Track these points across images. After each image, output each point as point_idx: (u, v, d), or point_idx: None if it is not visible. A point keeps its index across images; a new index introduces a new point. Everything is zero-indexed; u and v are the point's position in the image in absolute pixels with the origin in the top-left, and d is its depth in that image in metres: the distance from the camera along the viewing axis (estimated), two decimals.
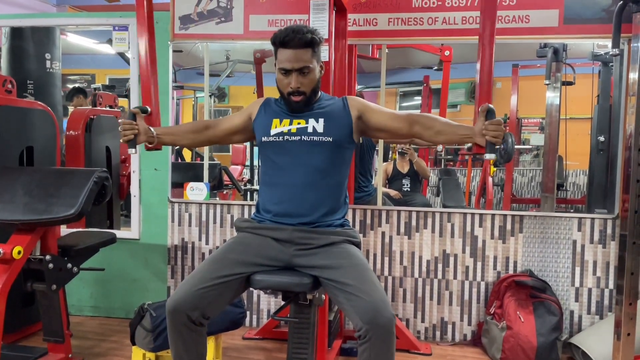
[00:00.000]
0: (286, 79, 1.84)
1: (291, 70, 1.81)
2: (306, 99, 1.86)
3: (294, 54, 1.80)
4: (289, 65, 1.81)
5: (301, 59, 1.81)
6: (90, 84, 7.28)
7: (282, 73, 1.84)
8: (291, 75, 1.82)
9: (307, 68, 1.82)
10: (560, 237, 2.87)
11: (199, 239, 3.15)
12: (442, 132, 1.83)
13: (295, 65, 1.81)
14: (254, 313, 3.15)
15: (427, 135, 1.86)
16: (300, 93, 1.84)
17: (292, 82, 1.82)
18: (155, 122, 2.17)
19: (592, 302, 2.87)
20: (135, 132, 1.95)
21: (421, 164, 4.52)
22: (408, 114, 1.89)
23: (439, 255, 2.97)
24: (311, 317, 1.91)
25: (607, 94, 3.43)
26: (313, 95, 1.89)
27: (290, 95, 1.84)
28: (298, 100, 1.85)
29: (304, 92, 1.84)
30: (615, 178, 2.80)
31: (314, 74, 1.86)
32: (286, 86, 1.84)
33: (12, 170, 2.54)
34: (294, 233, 1.83)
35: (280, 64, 1.83)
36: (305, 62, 1.82)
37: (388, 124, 1.90)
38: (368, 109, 1.92)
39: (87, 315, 3.29)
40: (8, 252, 2.13)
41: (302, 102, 1.85)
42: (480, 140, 1.75)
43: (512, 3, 2.76)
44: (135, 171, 3.19)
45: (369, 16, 2.89)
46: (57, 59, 3.73)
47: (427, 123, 1.85)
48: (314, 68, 1.85)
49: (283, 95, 1.88)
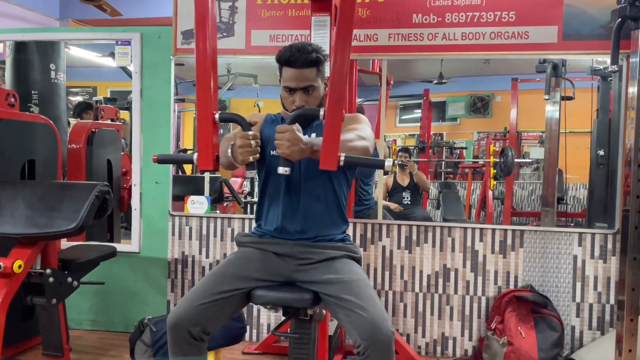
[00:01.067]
0: (291, 97, 1.85)
1: (296, 88, 1.82)
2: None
3: (299, 73, 1.80)
4: (293, 84, 1.82)
5: (306, 78, 1.81)
6: (92, 96, 7.31)
7: (286, 91, 1.85)
8: (296, 94, 1.83)
9: (311, 87, 1.83)
10: (561, 252, 2.87)
11: (199, 252, 3.15)
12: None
13: (300, 84, 1.81)
14: (254, 327, 3.14)
15: None
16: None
17: (297, 101, 1.82)
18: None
19: (594, 317, 2.86)
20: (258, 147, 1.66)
21: (421, 177, 4.53)
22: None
23: (439, 270, 2.96)
24: (311, 333, 1.90)
25: (606, 108, 3.45)
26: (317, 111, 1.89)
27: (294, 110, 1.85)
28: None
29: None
30: (616, 192, 2.81)
31: (319, 92, 1.87)
32: (291, 104, 1.85)
33: (13, 184, 2.55)
34: (294, 247, 1.83)
35: (285, 82, 1.84)
36: (310, 81, 1.82)
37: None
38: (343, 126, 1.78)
39: (87, 329, 3.28)
40: (9, 266, 2.13)
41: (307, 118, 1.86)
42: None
43: (511, 19, 2.78)
44: (136, 184, 3.20)
45: (369, 32, 2.91)
46: (61, 70, 3.76)
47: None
48: (318, 86, 1.86)
49: (288, 113, 1.89)
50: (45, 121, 2.89)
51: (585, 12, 2.72)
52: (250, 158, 1.62)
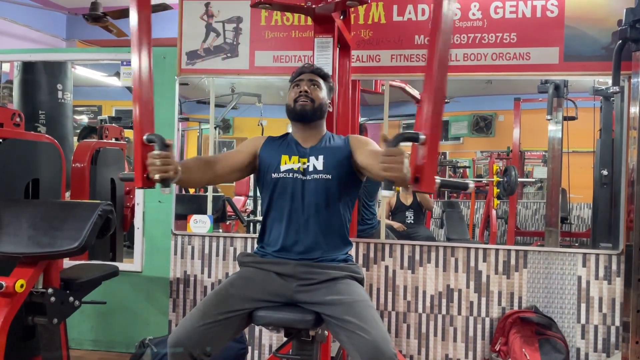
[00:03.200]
0: (296, 89, 1.96)
1: (303, 79, 1.97)
2: (312, 107, 1.93)
3: (309, 75, 1.99)
4: (301, 77, 1.98)
5: (313, 78, 1.98)
6: (96, 115, 7.37)
7: (293, 87, 1.98)
8: (302, 84, 1.96)
9: (317, 82, 1.98)
10: (565, 272, 2.85)
11: (201, 272, 3.14)
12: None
13: (307, 77, 1.98)
14: (256, 348, 3.11)
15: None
16: (307, 97, 1.92)
17: (303, 86, 1.95)
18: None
19: (599, 339, 2.82)
20: (174, 168, 1.61)
21: (424, 196, 4.52)
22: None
23: (442, 290, 2.94)
24: (314, 354, 1.89)
25: (609, 128, 3.45)
26: (319, 111, 1.96)
27: (296, 102, 1.93)
28: (304, 104, 1.92)
29: (311, 99, 1.93)
30: (620, 212, 2.80)
31: (322, 93, 1.98)
32: (295, 94, 1.95)
33: (17, 203, 2.55)
34: (296, 268, 1.83)
35: (294, 83, 2.00)
36: (317, 79, 1.98)
37: (364, 161, 1.81)
38: (358, 149, 1.87)
39: (88, 349, 3.26)
40: (10, 286, 2.13)
41: (309, 109, 1.92)
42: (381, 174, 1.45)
43: (512, 41, 2.81)
44: (139, 203, 3.21)
45: (372, 52, 2.94)
46: (68, 90, 3.80)
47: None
48: (322, 89, 1.98)
49: (289, 108, 1.96)
50: (50, 140, 2.91)
51: (586, 34, 2.75)
52: (157, 176, 1.59)
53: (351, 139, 1.96)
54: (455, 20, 2.84)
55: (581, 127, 3.98)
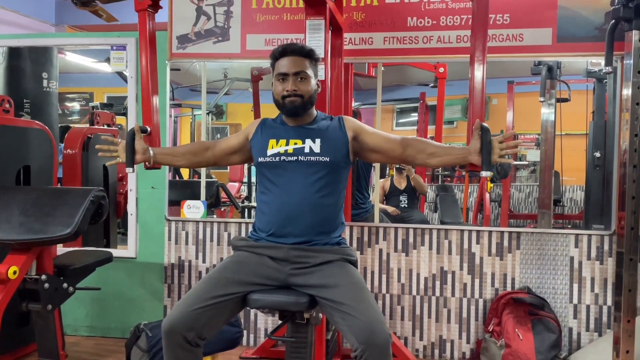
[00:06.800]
0: (282, 85, 1.86)
1: (288, 74, 1.85)
2: (302, 102, 1.86)
3: (292, 60, 1.86)
4: (285, 69, 1.85)
5: (299, 65, 1.86)
6: (88, 102, 7.32)
7: (279, 80, 1.87)
8: (288, 80, 1.85)
9: (304, 73, 1.86)
10: (558, 253, 2.87)
11: (195, 257, 3.14)
12: (435, 154, 1.86)
13: (292, 70, 1.85)
14: (251, 332, 3.13)
15: (420, 158, 1.88)
16: (296, 95, 1.85)
17: (289, 85, 1.84)
18: (155, 142, 2.18)
19: (591, 319, 2.85)
20: (115, 153, 2.07)
21: (418, 180, 4.53)
22: (402, 138, 1.92)
23: (436, 273, 2.96)
24: (308, 337, 1.90)
25: (602, 110, 3.46)
26: (309, 103, 1.89)
27: (285, 98, 1.85)
28: (294, 101, 1.85)
29: (300, 95, 1.85)
30: (612, 194, 2.81)
31: (311, 83, 1.88)
32: (282, 91, 1.86)
33: (8, 190, 2.54)
34: (290, 252, 1.83)
35: (278, 70, 1.87)
36: (302, 68, 1.86)
37: (382, 145, 1.92)
38: (363, 131, 1.94)
39: (83, 335, 3.26)
40: (3, 272, 2.12)
41: (298, 105, 1.86)
42: (477, 159, 1.78)
43: (505, 22, 2.79)
44: (132, 189, 3.19)
45: (364, 35, 2.91)
46: (54, 78, 3.75)
47: (419, 146, 1.88)
48: (310, 77, 1.88)
49: (278, 104, 1.89)
50: (41, 127, 2.88)
51: (580, 14, 2.73)
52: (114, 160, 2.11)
53: (345, 121, 1.95)
54: (447, 2, 2.82)
55: (574, 109, 3.99)
